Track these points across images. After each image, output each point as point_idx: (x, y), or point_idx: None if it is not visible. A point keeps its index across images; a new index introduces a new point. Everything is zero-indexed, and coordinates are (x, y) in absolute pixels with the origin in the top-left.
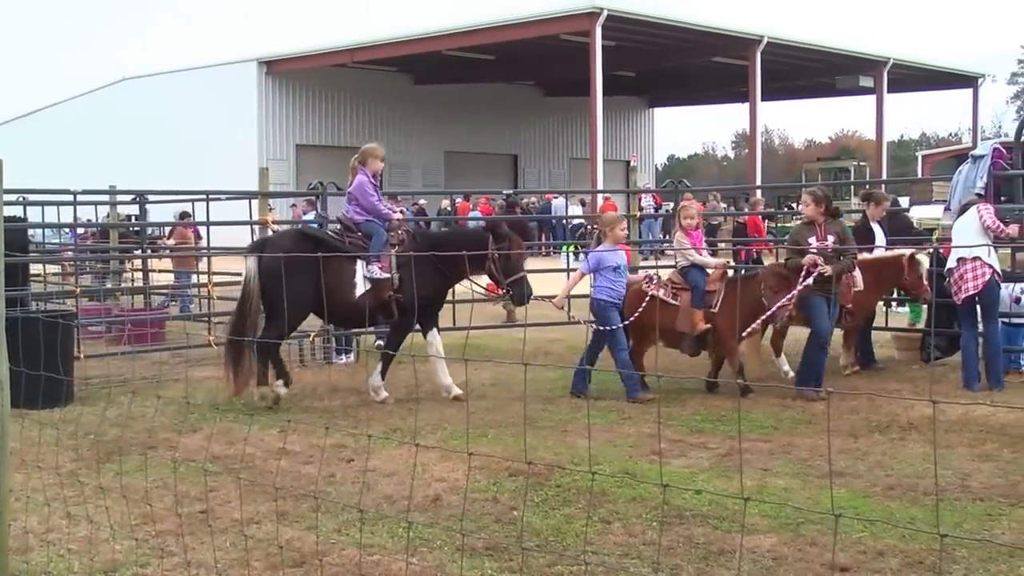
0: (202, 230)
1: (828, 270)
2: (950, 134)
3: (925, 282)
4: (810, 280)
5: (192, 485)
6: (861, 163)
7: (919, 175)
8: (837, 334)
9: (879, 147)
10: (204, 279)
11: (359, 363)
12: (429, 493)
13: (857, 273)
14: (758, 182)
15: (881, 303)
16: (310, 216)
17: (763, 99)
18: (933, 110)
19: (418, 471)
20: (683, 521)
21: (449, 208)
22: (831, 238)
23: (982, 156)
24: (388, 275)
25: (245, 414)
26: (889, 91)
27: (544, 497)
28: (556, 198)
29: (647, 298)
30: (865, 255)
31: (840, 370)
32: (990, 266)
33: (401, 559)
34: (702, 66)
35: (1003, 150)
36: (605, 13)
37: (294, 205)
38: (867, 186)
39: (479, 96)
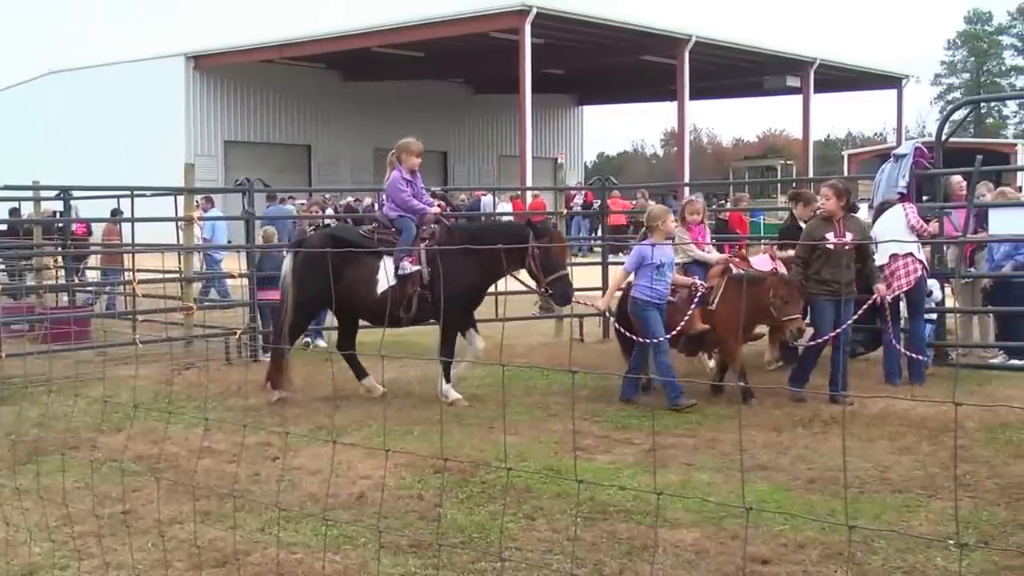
0: (127, 226)
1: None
2: (875, 134)
3: None
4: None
5: (114, 485)
6: (788, 162)
7: (845, 174)
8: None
9: (805, 146)
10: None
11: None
12: (353, 491)
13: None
14: (686, 180)
15: None
16: (211, 213)
17: (692, 98)
18: (859, 110)
19: (342, 469)
20: (606, 517)
21: (376, 205)
22: (849, 235)
23: (904, 155)
24: (417, 267)
25: (168, 412)
26: (816, 91)
27: (468, 494)
28: (485, 195)
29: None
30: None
31: (764, 365)
32: (921, 262)
33: (325, 557)
34: (631, 65)
35: (924, 149)
36: (535, 11)
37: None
38: (794, 184)
39: (409, 93)
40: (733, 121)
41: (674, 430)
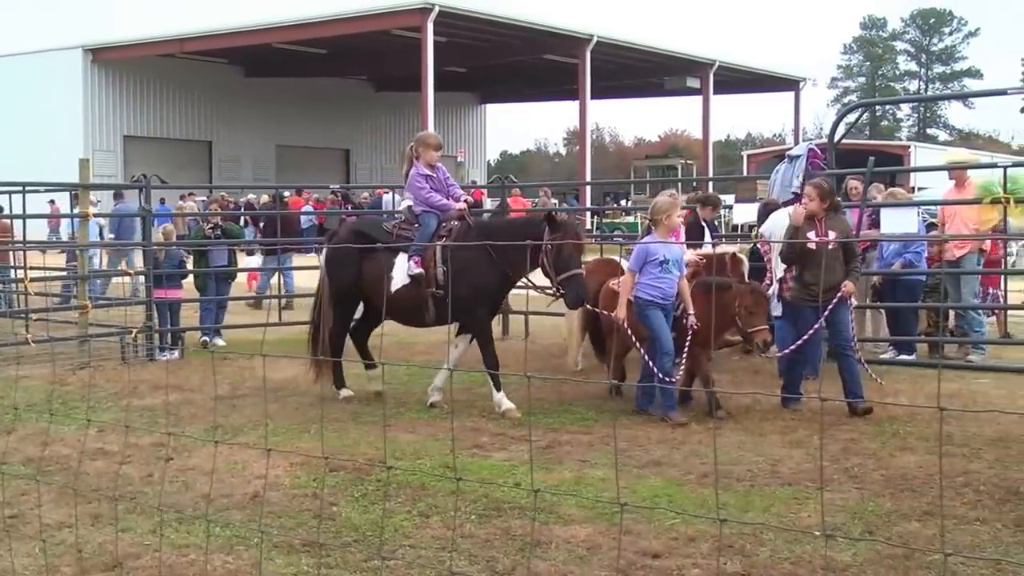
0: (17, 223)
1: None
2: (774, 135)
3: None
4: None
5: (2, 489)
6: (688, 161)
7: (744, 173)
8: None
9: (705, 146)
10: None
11: (183, 360)
12: (248, 491)
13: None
14: (588, 179)
15: None
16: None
17: (594, 97)
18: (758, 111)
19: (238, 468)
20: (501, 514)
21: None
22: (832, 234)
23: (798, 156)
24: (419, 270)
25: (62, 414)
26: (715, 92)
27: (364, 492)
28: (387, 193)
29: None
30: (691, 254)
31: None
32: None
33: (217, 558)
34: (533, 63)
35: (818, 151)
36: (437, 9)
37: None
38: (694, 184)
39: (311, 90)
40: (635, 121)
41: (570, 427)
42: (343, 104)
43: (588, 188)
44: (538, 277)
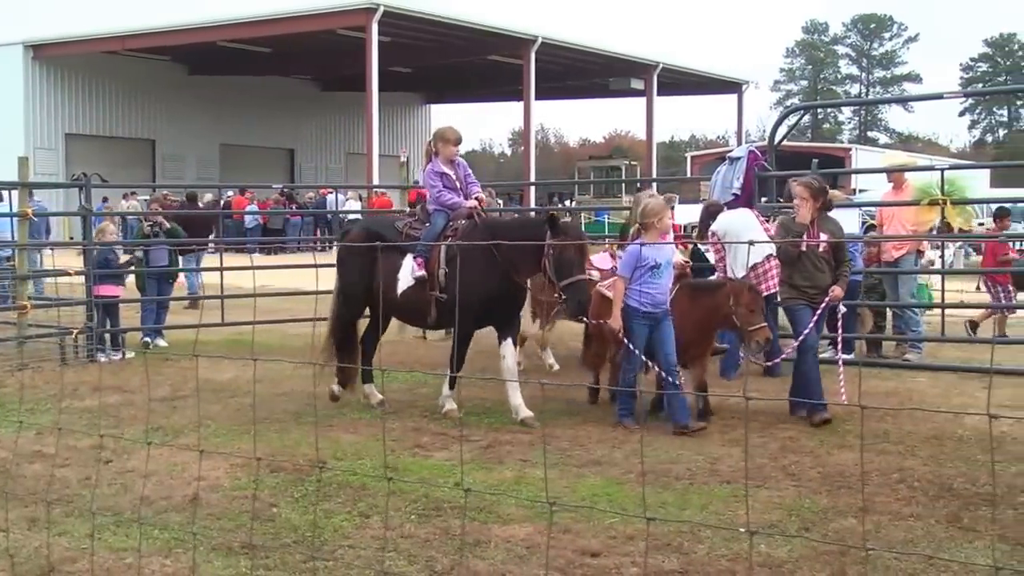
0: None
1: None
2: (718, 136)
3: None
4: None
5: None
6: (632, 162)
7: (688, 175)
8: None
9: (649, 147)
10: None
11: (124, 361)
12: (187, 492)
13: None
14: (532, 179)
15: None
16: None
17: (538, 98)
18: (702, 113)
19: (177, 470)
20: (441, 513)
21: (219, 202)
22: (823, 235)
23: (739, 158)
24: (421, 272)
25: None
26: (659, 94)
27: (304, 492)
28: (331, 193)
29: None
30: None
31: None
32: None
33: (155, 561)
34: (478, 64)
35: (758, 153)
36: (382, 9)
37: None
38: (638, 185)
39: (256, 89)
40: (580, 121)
41: (511, 427)
42: (288, 103)
43: (532, 189)
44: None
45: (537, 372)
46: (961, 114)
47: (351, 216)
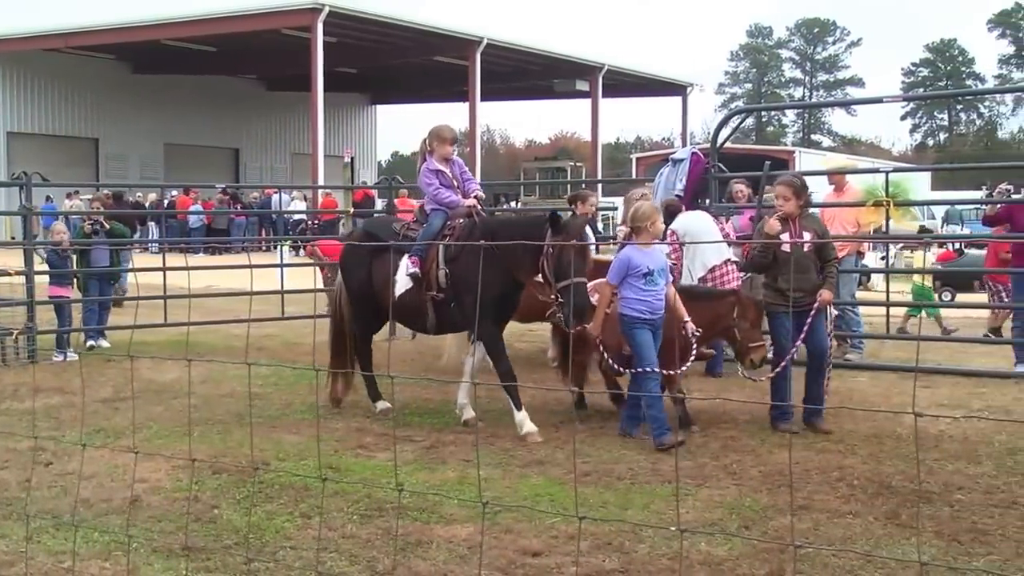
0: None
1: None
2: (663, 138)
3: None
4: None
5: None
6: (577, 163)
7: (633, 176)
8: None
9: (594, 148)
10: None
11: (66, 362)
12: (127, 495)
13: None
14: (478, 179)
15: None
16: None
17: (484, 99)
18: (648, 115)
19: (118, 472)
20: (383, 514)
21: (162, 202)
22: (807, 235)
23: (681, 160)
24: (415, 270)
25: None
26: (605, 95)
27: (245, 494)
28: (276, 193)
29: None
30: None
31: (548, 362)
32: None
33: (94, 564)
34: (424, 65)
35: (701, 155)
36: (327, 9)
37: None
38: (583, 186)
39: (201, 88)
40: (526, 122)
41: (454, 427)
42: (233, 103)
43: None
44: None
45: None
46: (903, 118)
47: (296, 216)
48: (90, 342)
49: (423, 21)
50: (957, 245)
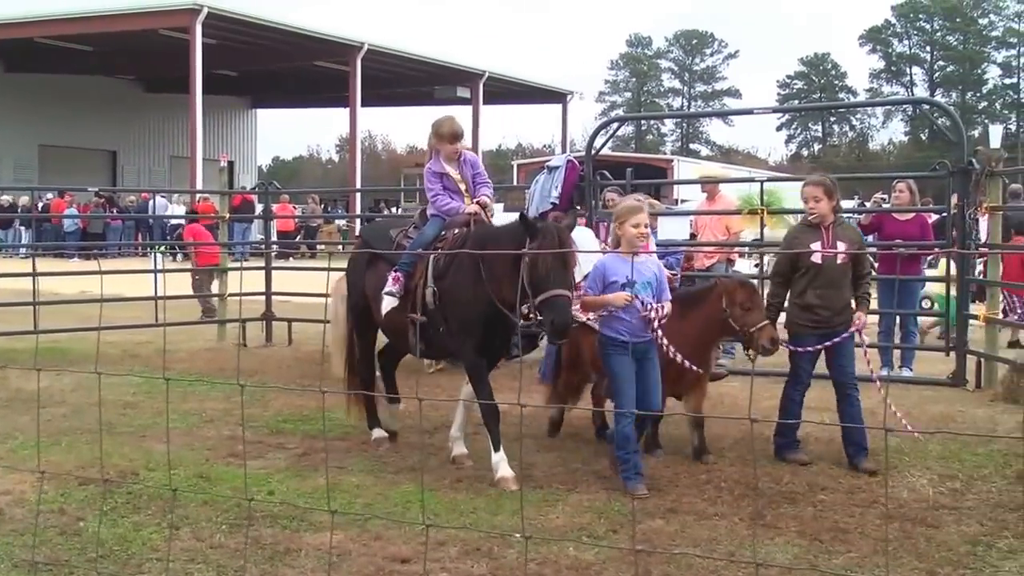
0: None
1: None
2: (544, 145)
3: None
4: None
5: None
6: None
7: (515, 183)
8: None
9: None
10: None
11: None
12: None
13: None
14: (358, 186)
15: None
16: None
17: (365, 105)
18: (530, 122)
19: None
20: (253, 523)
21: (31, 205)
22: (842, 244)
23: (557, 168)
24: (393, 288)
25: None
26: (486, 103)
27: (114, 505)
28: (152, 197)
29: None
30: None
31: (425, 368)
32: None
33: None
34: (304, 69)
35: (576, 163)
36: (206, 11)
37: None
38: None
39: (77, 88)
40: (408, 128)
41: (328, 434)
42: (110, 104)
43: (359, 195)
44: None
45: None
46: (778, 128)
47: (174, 221)
48: None
49: (303, 25)
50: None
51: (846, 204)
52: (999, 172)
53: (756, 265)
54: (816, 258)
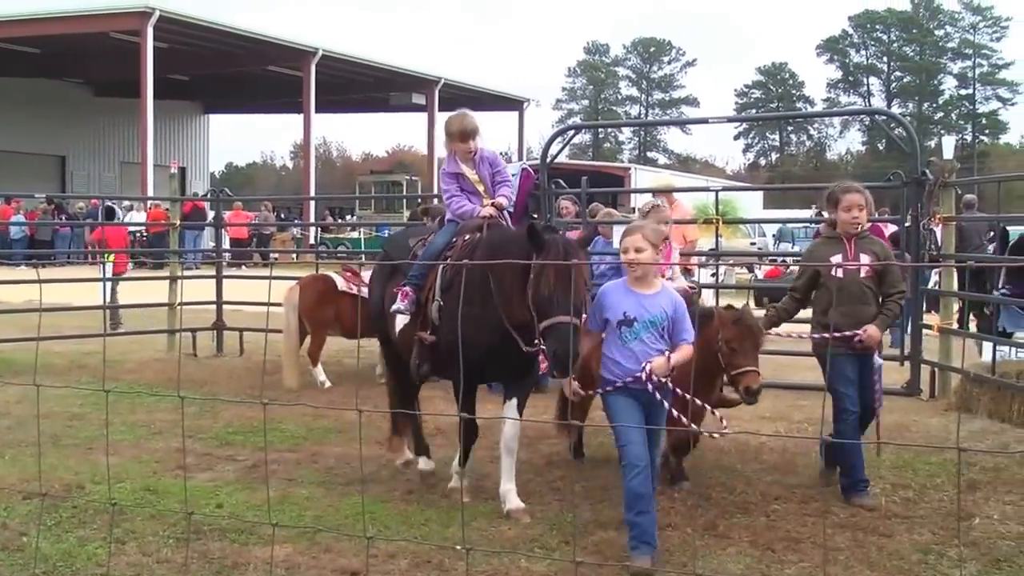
0: None
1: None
2: (501, 153)
3: None
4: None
5: None
6: (413, 177)
7: None
8: None
9: (431, 162)
10: None
11: None
12: None
13: None
14: (312, 193)
15: None
16: None
17: (320, 110)
18: (487, 129)
19: None
20: (200, 537)
21: None
22: (866, 257)
23: (512, 175)
24: (400, 304)
25: None
26: (441, 109)
27: (58, 520)
28: (100, 203)
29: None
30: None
31: (376, 378)
32: None
33: None
34: (257, 74)
35: (531, 171)
36: (157, 13)
37: None
38: (419, 200)
39: (25, 91)
40: (364, 135)
41: (278, 446)
42: (59, 108)
43: (313, 203)
44: None
45: (310, 390)
46: (736, 138)
47: (132, 228)
48: None
49: (256, 29)
50: (788, 261)
51: (804, 213)
52: (952, 183)
53: (713, 275)
54: (839, 273)
